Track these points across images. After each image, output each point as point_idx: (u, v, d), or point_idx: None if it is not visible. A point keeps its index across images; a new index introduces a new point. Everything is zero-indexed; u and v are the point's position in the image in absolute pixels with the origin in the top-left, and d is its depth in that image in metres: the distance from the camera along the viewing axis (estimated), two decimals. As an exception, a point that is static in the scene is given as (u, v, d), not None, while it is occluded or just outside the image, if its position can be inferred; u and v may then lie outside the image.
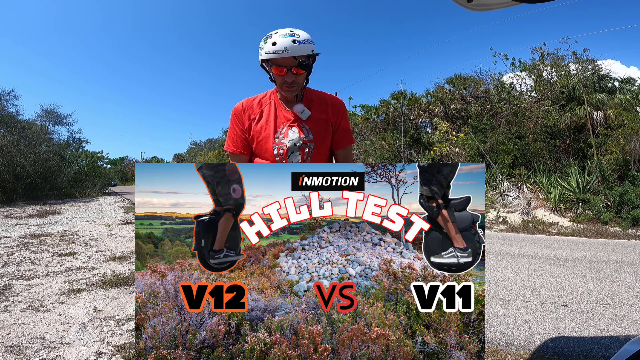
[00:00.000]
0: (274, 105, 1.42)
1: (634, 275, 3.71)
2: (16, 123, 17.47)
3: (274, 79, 1.34)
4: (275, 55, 1.24)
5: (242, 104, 1.43)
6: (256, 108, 1.42)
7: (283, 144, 1.39)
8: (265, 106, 1.42)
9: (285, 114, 1.41)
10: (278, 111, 1.42)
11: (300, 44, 1.24)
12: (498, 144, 11.31)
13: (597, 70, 11.78)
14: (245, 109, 1.41)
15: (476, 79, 15.00)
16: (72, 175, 19.54)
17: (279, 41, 1.23)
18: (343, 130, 1.48)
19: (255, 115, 1.41)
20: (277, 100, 1.43)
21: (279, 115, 1.41)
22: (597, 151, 10.00)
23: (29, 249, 5.15)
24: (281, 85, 1.33)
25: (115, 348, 2.16)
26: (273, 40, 1.24)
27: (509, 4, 1.03)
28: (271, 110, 1.41)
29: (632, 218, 6.83)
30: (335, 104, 1.48)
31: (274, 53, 1.23)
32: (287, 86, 1.32)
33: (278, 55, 1.23)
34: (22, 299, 3.03)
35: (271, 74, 1.33)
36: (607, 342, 2.26)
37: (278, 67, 1.27)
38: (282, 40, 1.23)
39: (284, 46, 1.23)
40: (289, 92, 1.35)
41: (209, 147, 34.42)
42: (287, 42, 1.23)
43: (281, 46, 1.23)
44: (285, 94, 1.36)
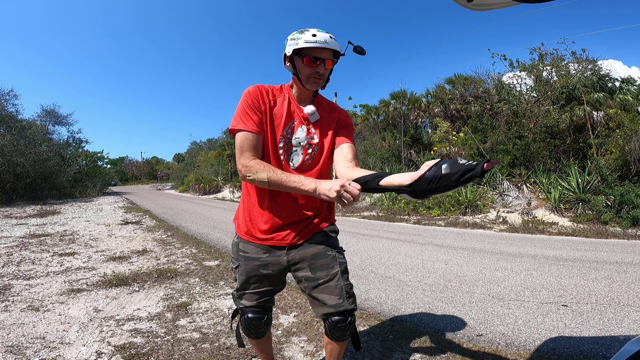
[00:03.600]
0: (287, 100, 1.42)
1: (634, 275, 3.71)
2: (16, 123, 17.48)
3: (301, 71, 1.34)
4: (316, 44, 1.29)
5: (259, 86, 1.42)
6: (272, 95, 1.42)
7: (289, 139, 1.39)
8: (279, 97, 1.42)
9: (298, 111, 1.42)
10: (291, 106, 1.42)
11: (335, 41, 1.33)
12: (498, 144, 11.30)
13: (597, 70, 11.77)
14: (262, 92, 1.40)
15: (476, 79, 15.01)
16: (72, 175, 19.56)
17: (319, 34, 1.30)
18: (343, 133, 1.46)
19: (272, 101, 1.40)
20: (291, 96, 1.44)
21: (292, 110, 1.42)
22: (596, 151, 10.00)
23: (29, 249, 5.15)
24: (309, 77, 1.34)
25: (115, 348, 2.16)
26: (312, 32, 1.30)
27: (509, 4, 1.03)
28: (285, 103, 1.41)
29: (632, 218, 6.82)
30: (345, 119, 1.50)
31: (315, 42, 1.29)
32: (315, 78, 1.34)
33: (319, 45, 1.29)
34: (22, 299, 3.03)
35: (299, 65, 1.34)
36: (607, 342, 2.26)
37: (313, 57, 1.31)
38: (323, 34, 1.31)
39: (325, 38, 1.30)
40: (314, 85, 1.36)
41: (209, 147, 34.39)
42: (327, 36, 1.31)
43: (322, 38, 1.29)
44: (310, 86, 1.36)
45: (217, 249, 5.26)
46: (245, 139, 1.31)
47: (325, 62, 1.33)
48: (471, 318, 2.69)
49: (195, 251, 5.11)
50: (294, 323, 2.58)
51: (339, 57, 1.38)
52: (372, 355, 2.11)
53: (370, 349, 2.18)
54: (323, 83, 1.39)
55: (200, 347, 2.19)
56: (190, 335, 2.36)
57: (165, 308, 2.85)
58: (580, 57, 11.87)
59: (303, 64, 1.33)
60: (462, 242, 5.90)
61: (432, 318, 2.71)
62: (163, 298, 3.10)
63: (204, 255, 4.85)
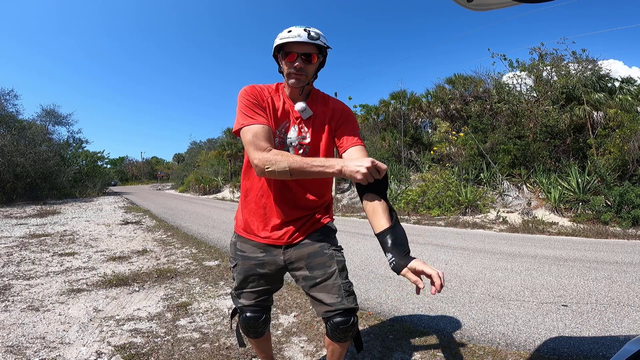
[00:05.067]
0: (282, 99, 1.41)
1: (634, 275, 3.71)
2: (16, 123, 17.48)
3: (283, 68, 1.35)
4: (289, 39, 1.29)
5: (254, 86, 1.40)
6: (267, 94, 1.40)
7: (283, 139, 1.38)
8: (275, 97, 1.41)
9: (291, 110, 1.40)
10: (285, 105, 1.40)
11: (314, 34, 1.31)
12: (498, 144, 11.30)
13: (597, 70, 11.77)
14: (260, 91, 1.39)
15: (476, 79, 15.02)
16: (72, 175, 19.55)
17: (295, 29, 1.30)
18: (346, 131, 1.39)
19: (267, 99, 1.39)
20: (284, 95, 1.42)
21: (286, 110, 1.40)
22: (596, 151, 10.00)
23: (29, 249, 5.15)
24: (289, 74, 1.33)
25: (115, 348, 2.16)
26: (289, 29, 1.32)
27: (509, 4, 1.03)
28: (279, 102, 1.40)
29: (632, 218, 6.83)
30: (341, 109, 1.44)
31: (288, 37, 1.29)
32: (294, 74, 1.32)
33: (292, 39, 1.28)
34: (22, 299, 3.03)
35: (281, 64, 1.35)
36: (607, 342, 2.26)
37: (289, 53, 1.30)
38: (298, 29, 1.31)
39: (298, 32, 1.29)
40: (295, 82, 1.33)
41: (209, 147, 34.38)
42: (301, 30, 1.30)
43: (296, 32, 1.29)
44: (292, 84, 1.34)
45: (217, 249, 5.26)
46: (256, 131, 1.25)
47: (302, 57, 1.30)
48: (471, 318, 2.69)
49: (195, 251, 5.11)
50: (294, 323, 2.58)
51: (325, 52, 1.36)
52: (372, 355, 2.11)
53: (370, 349, 2.18)
54: (305, 80, 1.34)
55: (200, 347, 2.19)
56: (190, 335, 2.36)
57: (165, 308, 2.85)
58: (580, 57, 11.87)
59: (284, 61, 1.33)
60: (462, 242, 5.90)
61: (432, 318, 2.71)
62: (163, 298, 3.10)
63: (204, 255, 4.85)
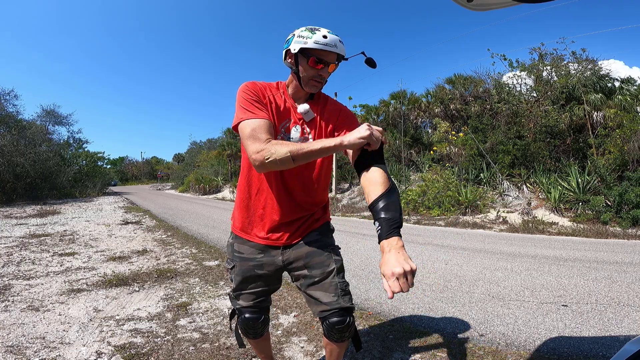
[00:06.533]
0: (284, 98, 1.39)
1: (634, 275, 3.71)
2: (16, 123, 17.47)
3: (303, 71, 1.30)
4: (325, 47, 1.24)
5: (255, 82, 1.38)
6: (268, 91, 1.38)
7: (284, 138, 1.36)
8: (276, 95, 1.39)
9: (293, 110, 1.38)
10: (286, 104, 1.38)
11: (343, 45, 1.28)
12: (498, 144, 11.30)
13: (597, 70, 11.77)
14: (260, 87, 1.36)
15: (476, 79, 15.02)
16: (72, 175, 19.55)
17: (330, 36, 1.25)
18: (348, 132, 1.35)
19: (269, 96, 1.36)
20: (286, 94, 1.40)
21: (287, 109, 1.38)
22: (596, 151, 10.00)
23: (29, 249, 5.15)
24: (310, 80, 1.31)
25: (115, 348, 2.16)
26: (323, 33, 1.25)
27: (509, 4, 1.03)
28: (282, 102, 1.38)
29: (632, 218, 6.83)
30: (342, 110, 1.44)
31: (325, 45, 1.24)
32: (316, 81, 1.31)
33: (327, 48, 1.24)
34: (22, 299, 3.03)
35: (303, 65, 1.29)
36: (607, 342, 2.26)
37: (318, 60, 1.26)
38: (333, 36, 1.26)
39: (335, 42, 1.25)
40: (313, 88, 1.33)
41: (209, 147, 34.38)
42: (337, 40, 1.26)
43: (332, 41, 1.25)
44: (309, 88, 1.33)
45: (217, 249, 5.26)
46: (257, 125, 1.22)
47: (329, 66, 1.29)
48: (471, 318, 2.69)
49: (195, 251, 5.11)
50: (294, 323, 2.58)
51: (341, 60, 1.33)
52: (372, 355, 2.11)
53: (370, 349, 2.18)
54: (321, 87, 1.35)
55: (200, 347, 2.19)
56: (190, 335, 2.36)
57: (165, 308, 2.85)
58: (580, 57, 11.88)
59: (307, 65, 1.27)
60: (462, 242, 5.90)
61: (432, 318, 2.71)
62: (163, 298, 3.10)
63: (204, 255, 4.85)
